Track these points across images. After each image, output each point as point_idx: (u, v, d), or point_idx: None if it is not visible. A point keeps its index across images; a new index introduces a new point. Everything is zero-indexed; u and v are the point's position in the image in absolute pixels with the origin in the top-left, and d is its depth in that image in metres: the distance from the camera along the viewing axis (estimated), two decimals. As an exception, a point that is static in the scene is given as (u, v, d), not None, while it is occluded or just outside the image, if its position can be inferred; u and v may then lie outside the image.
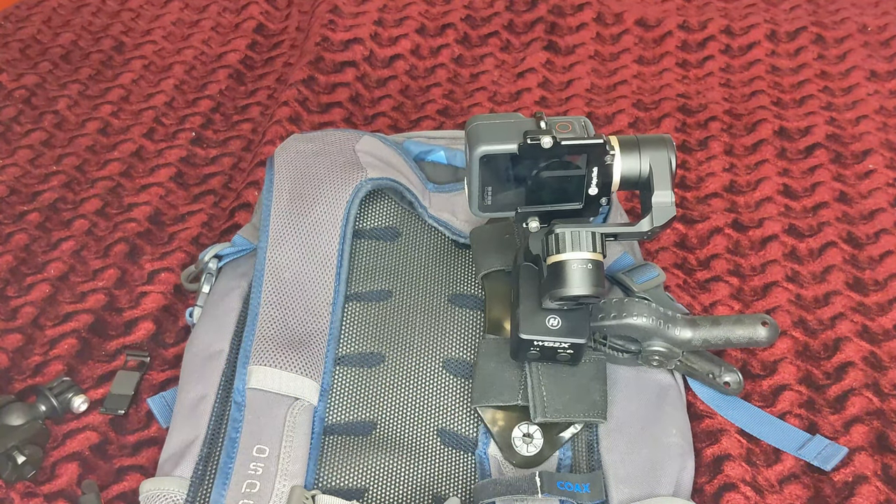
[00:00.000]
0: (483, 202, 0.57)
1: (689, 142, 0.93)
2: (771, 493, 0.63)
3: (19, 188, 0.90)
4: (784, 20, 1.09)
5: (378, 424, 0.61)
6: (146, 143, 0.95)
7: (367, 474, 0.58)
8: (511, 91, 1.01)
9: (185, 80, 1.04)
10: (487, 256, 0.67)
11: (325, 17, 1.06)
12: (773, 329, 0.61)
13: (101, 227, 0.86)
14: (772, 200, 0.85)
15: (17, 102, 1.00)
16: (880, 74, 1.00)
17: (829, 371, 0.71)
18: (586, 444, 0.60)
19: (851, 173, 0.89)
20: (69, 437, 0.67)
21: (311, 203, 0.68)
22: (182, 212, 0.88)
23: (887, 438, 0.66)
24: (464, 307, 0.67)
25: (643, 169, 0.56)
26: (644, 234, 0.57)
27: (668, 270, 0.79)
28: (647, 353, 0.61)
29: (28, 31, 1.11)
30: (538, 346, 0.59)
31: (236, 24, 1.13)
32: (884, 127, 0.93)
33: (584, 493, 0.56)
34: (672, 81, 1.01)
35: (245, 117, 1.00)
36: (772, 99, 0.98)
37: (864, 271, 0.79)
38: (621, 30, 1.09)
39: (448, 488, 0.59)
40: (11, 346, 0.74)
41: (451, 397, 0.62)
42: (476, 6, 1.12)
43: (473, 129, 0.55)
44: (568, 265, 0.55)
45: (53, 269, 0.81)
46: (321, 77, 1.00)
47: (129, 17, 1.14)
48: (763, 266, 0.80)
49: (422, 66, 1.05)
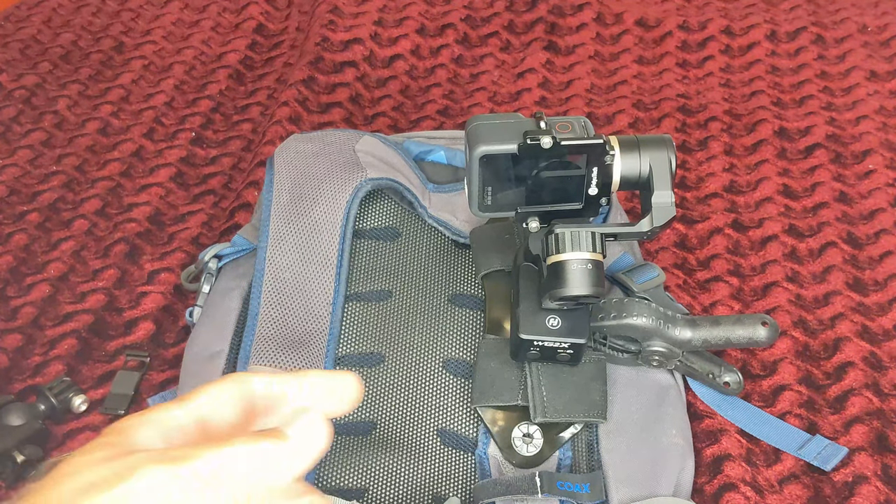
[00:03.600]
0: (483, 202, 0.57)
1: (689, 142, 0.93)
2: (771, 493, 0.63)
3: (19, 188, 0.90)
4: (784, 20, 1.09)
5: (378, 424, 0.61)
6: (146, 143, 0.95)
7: (368, 474, 0.58)
8: (511, 91, 1.01)
9: (185, 80, 1.04)
10: (487, 256, 0.67)
11: (325, 18, 1.06)
12: (773, 329, 0.61)
13: (101, 227, 0.86)
14: (772, 200, 0.85)
15: (17, 102, 1.00)
16: (880, 74, 1.00)
17: (829, 371, 0.71)
18: (586, 444, 0.60)
19: (851, 173, 0.89)
20: (69, 437, 0.67)
21: (311, 203, 0.68)
22: (182, 212, 0.88)
23: (887, 438, 0.66)
24: (464, 307, 0.67)
25: (643, 169, 0.56)
26: (644, 234, 0.56)
27: (668, 270, 0.79)
28: (647, 353, 0.61)
29: (28, 31, 1.11)
30: (538, 346, 0.59)
31: (236, 24, 1.13)
32: (884, 127, 0.93)
33: (584, 494, 0.56)
34: (672, 81, 1.01)
35: (245, 117, 1.00)
36: (772, 99, 0.98)
37: (864, 271, 0.79)
38: (621, 30, 1.09)
39: (448, 488, 0.59)
40: (11, 346, 0.74)
41: (451, 397, 0.62)
42: (476, 6, 1.12)
43: (473, 129, 0.55)
44: (568, 265, 0.55)
45: (53, 269, 0.81)
46: (321, 77, 1.00)
47: (129, 17, 1.14)
48: (763, 266, 0.80)
49: (422, 66, 1.05)
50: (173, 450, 0.34)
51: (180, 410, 0.36)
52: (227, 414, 0.37)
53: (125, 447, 0.34)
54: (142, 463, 0.33)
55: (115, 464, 0.33)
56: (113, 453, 0.34)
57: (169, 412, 0.36)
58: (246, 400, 0.37)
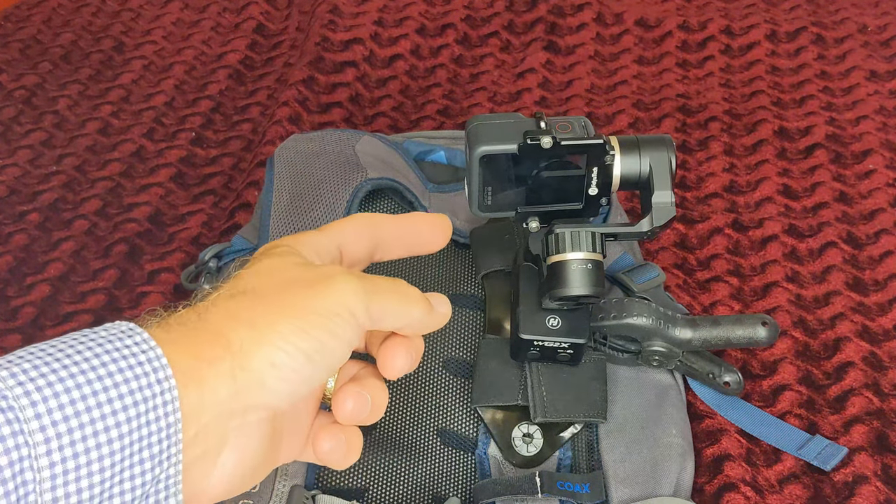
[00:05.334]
0: (483, 202, 0.57)
1: (689, 142, 0.93)
2: (771, 493, 0.63)
3: (19, 188, 0.90)
4: (784, 20, 1.09)
5: (378, 424, 0.61)
6: (146, 143, 0.95)
7: (367, 474, 0.58)
8: (511, 91, 1.01)
9: (185, 80, 1.04)
10: (487, 256, 0.67)
11: (325, 18, 1.06)
12: (773, 329, 0.61)
13: (101, 228, 0.86)
14: (772, 200, 0.85)
15: (17, 102, 1.00)
16: (880, 74, 1.00)
17: (829, 371, 0.71)
18: (586, 444, 0.60)
19: (851, 173, 0.89)
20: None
21: (312, 203, 0.68)
22: (182, 212, 0.88)
23: (887, 438, 0.66)
24: (464, 307, 0.67)
25: (643, 169, 0.56)
26: (644, 234, 0.57)
27: (668, 270, 0.79)
28: (647, 353, 0.61)
29: (28, 31, 1.11)
30: (538, 346, 0.59)
31: (236, 24, 1.13)
32: (884, 127, 0.93)
33: (584, 493, 0.56)
34: (672, 81, 1.01)
35: (245, 117, 1.00)
36: (772, 99, 0.98)
37: (864, 271, 0.79)
38: (621, 30, 1.09)
39: (448, 488, 0.59)
40: (11, 347, 0.74)
41: (451, 397, 0.62)
42: (476, 6, 1.12)
43: (473, 129, 0.55)
44: (568, 265, 0.55)
45: (53, 269, 0.81)
46: (321, 77, 1.00)
47: (129, 17, 1.14)
48: (763, 266, 0.80)
49: (422, 66, 1.05)
50: (364, 274, 0.42)
51: (325, 238, 0.45)
52: (360, 246, 0.46)
53: (303, 257, 0.42)
54: (339, 272, 0.41)
55: (312, 269, 0.41)
56: (302, 260, 0.42)
57: (317, 237, 0.44)
58: (375, 235, 0.46)
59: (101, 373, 0.34)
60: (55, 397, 0.33)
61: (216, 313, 0.39)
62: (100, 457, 0.34)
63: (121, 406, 0.34)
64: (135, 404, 0.35)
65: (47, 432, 0.32)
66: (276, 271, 0.41)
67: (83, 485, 0.33)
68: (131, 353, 0.35)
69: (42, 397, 0.33)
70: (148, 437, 0.35)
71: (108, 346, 0.35)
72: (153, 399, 0.35)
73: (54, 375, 0.33)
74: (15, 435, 0.32)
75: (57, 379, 0.33)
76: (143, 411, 0.35)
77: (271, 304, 0.39)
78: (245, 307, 0.39)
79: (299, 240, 0.44)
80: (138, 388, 0.35)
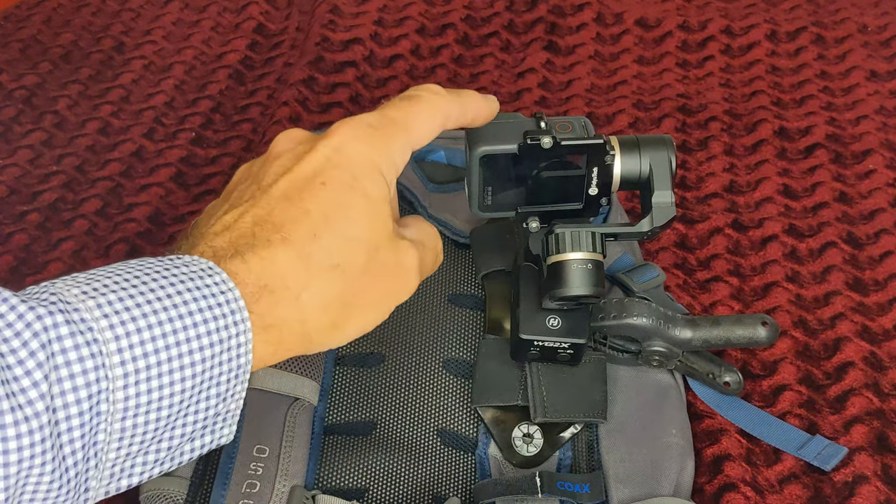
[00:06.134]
0: (483, 202, 0.57)
1: (689, 142, 0.93)
2: (771, 493, 0.63)
3: (19, 188, 0.90)
4: (784, 20, 1.09)
5: (378, 424, 0.61)
6: (146, 143, 0.95)
7: (368, 474, 0.58)
8: (511, 91, 1.01)
9: (185, 80, 1.04)
10: (487, 256, 0.67)
11: (325, 18, 1.06)
12: (773, 329, 0.61)
13: (101, 228, 0.86)
14: (772, 200, 0.85)
15: (17, 102, 1.00)
16: (880, 74, 1.00)
17: (829, 371, 0.71)
18: (586, 444, 0.60)
19: (851, 173, 0.89)
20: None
21: (311, 203, 0.68)
22: (182, 212, 0.88)
23: (887, 438, 0.66)
24: (464, 307, 0.67)
25: (643, 169, 0.56)
26: (644, 234, 0.57)
27: (668, 270, 0.79)
28: (647, 353, 0.61)
29: (28, 31, 1.11)
30: (538, 346, 0.59)
31: (236, 24, 1.13)
32: (884, 127, 0.93)
33: (584, 494, 0.56)
34: (672, 81, 1.01)
35: (245, 117, 1.00)
36: (772, 99, 0.98)
37: (864, 271, 0.79)
38: (621, 30, 1.09)
39: (448, 488, 0.59)
40: (11, 346, 0.74)
41: (451, 397, 0.62)
42: (476, 6, 1.12)
43: (473, 128, 0.55)
44: (568, 265, 0.55)
45: (53, 269, 0.81)
46: (321, 77, 1.00)
47: (129, 17, 1.14)
48: (763, 266, 0.80)
49: (422, 66, 1.05)
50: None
51: (414, 144, 0.50)
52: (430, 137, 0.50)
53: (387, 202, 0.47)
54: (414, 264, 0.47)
55: (392, 250, 0.46)
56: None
57: (405, 150, 0.50)
58: (443, 125, 0.50)
59: (181, 311, 0.36)
60: (137, 333, 0.35)
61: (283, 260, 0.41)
62: (171, 393, 0.35)
63: (198, 346, 0.36)
64: (210, 345, 0.36)
65: (126, 367, 0.34)
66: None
67: (151, 417, 0.35)
68: (211, 293, 0.37)
69: (125, 332, 0.35)
70: (218, 377, 0.37)
71: (189, 283, 0.37)
72: (228, 341, 0.37)
73: (138, 310, 0.35)
74: (97, 369, 0.34)
75: (141, 314, 0.35)
76: (217, 352, 0.37)
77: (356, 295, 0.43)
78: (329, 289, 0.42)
79: (384, 158, 0.48)
80: (216, 329, 0.37)
